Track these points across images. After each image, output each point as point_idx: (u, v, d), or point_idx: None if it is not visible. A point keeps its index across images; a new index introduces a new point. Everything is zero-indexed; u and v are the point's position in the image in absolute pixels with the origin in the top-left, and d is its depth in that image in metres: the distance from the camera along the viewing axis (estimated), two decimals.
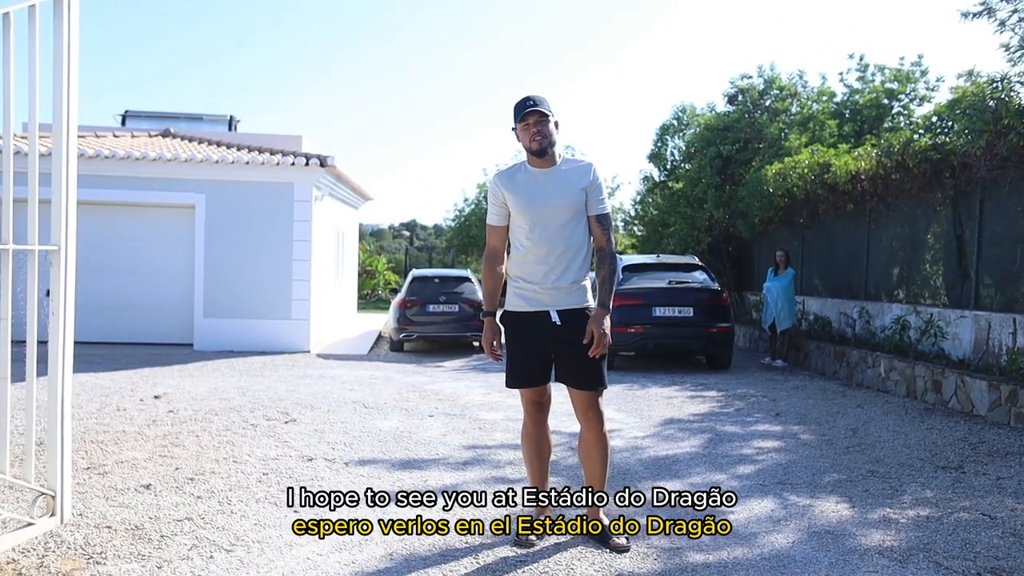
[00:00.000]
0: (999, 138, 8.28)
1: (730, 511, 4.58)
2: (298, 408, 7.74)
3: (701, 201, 17.10)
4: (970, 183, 9.20)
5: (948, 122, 9.97)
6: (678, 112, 20.71)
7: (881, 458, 5.97)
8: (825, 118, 15.86)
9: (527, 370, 4.00)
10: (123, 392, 8.32)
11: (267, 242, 13.28)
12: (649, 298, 11.34)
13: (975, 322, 8.99)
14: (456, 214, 34.00)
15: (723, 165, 16.76)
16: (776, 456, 6.03)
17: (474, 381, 10.08)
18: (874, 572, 3.62)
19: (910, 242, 10.80)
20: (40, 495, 3.78)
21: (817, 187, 12.47)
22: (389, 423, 7.08)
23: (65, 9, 3.64)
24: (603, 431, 3.95)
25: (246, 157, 13.19)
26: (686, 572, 3.59)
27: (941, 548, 3.97)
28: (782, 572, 3.61)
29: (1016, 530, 4.29)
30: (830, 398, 8.93)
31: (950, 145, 9.45)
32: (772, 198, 13.85)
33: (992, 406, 7.58)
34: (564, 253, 3.92)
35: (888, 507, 4.69)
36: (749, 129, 16.84)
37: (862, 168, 11.25)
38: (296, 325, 13.41)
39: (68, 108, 3.68)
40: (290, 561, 3.65)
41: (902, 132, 11.73)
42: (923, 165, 9.82)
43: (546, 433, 4.16)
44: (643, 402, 8.53)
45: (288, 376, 10.12)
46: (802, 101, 17.17)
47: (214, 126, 19.48)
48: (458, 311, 14.05)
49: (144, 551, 3.66)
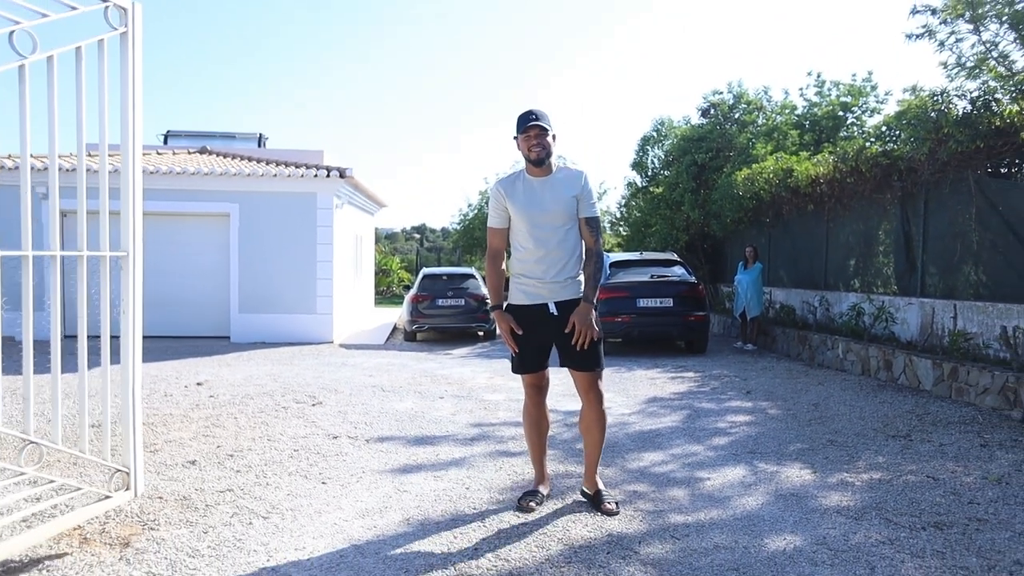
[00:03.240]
0: (940, 145, 8.32)
1: (707, 478, 4.60)
2: (323, 392, 7.73)
3: (679, 204, 17.13)
4: (915, 185, 9.25)
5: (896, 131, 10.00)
6: (657, 125, 20.69)
7: (839, 429, 5.99)
8: (788, 128, 15.87)
9: (528, 358, 3.96)
10: (169, 380, 8.34)
11: (294, 245, 13.29)
12: (634, 291, 11.34)
13: (921, 308, 9.03)
14: (461, 218, 33.98)
15: (698, 171, 16.79)
16: (747, 429, 6.04)
17: (479, 367, 10.08)
18: (833, 528, 3.65)
19: (864, 238, 10.83)
20: (116, 471, 3.77)
21: (781, 190, 12.51)
22: (404, 404, 7.07)
23: (130, 43, 3.62)
24: (602, 409, 3.95)
25: (274, 171, 13.22)
26: (668, 531, 3.61)
27: (891, 506, 4.00)
28: (752, 530, 3.63)
29: (956, 489, 4.33)
30: (794, 377, 8.94)
31: (897, 152, 9.49)
32: (741, 200, 13.89)
33: (936, 382, 7.62)
34: (560, 253, 3.88)
35: (845, 472, 4.72)
36: (720, 139, 16.86)
37: (821, 173, 11.31)
38: (320, 319, 13.42)
39: (133, 130, 3.68)
40: (319, 526, 3.67)
41: (855, 141, 11.76)
42: (874, 170, 9.89)
43: (544, 412, 4.13)
44: (629, 383, 8.55)
45: (314, 364, 10.12)
46: (767, 114, 17.18)
47: (246, 143, 19.44)
48: (464, 304, 14.05)
49: (191, 518, 3.70)
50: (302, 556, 3.29)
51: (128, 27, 3.60)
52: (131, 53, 3.63)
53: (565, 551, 3.34)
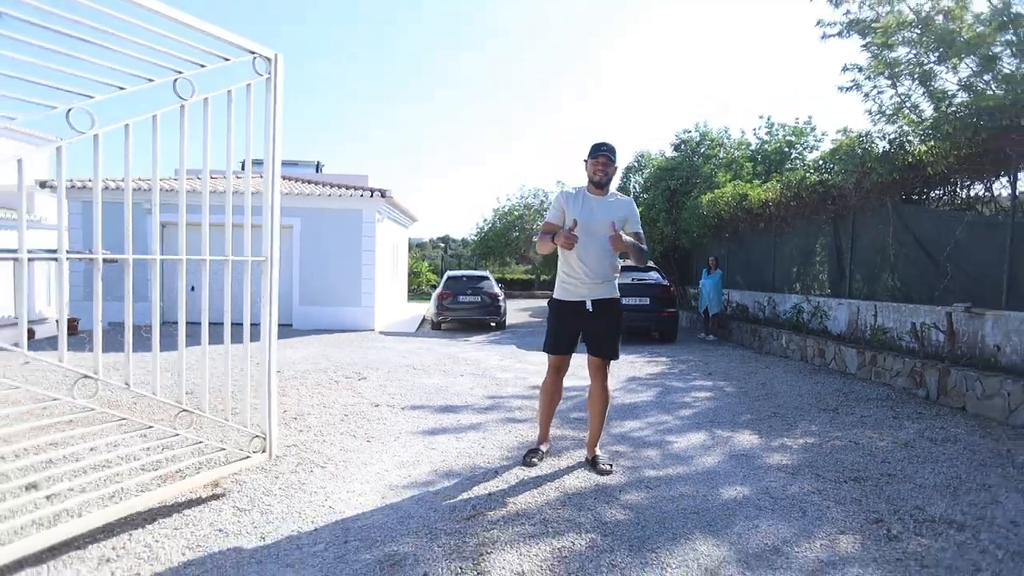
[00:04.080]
0: (864, 177, 8.32)
1: (674, 441, 4.60)
2: (367, 369, 7.73)
3: (655, 221, 17.07)
4: (845, 208, 9.23)
5: (830, 165, 9.99)
6: (638, 156, 20.62)
7: (781, 403, 5.98)
8: (744, 161, 15.80)
9: (561, 342, 3.88)
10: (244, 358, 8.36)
11: (343, 251, 13.32)
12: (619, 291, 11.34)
13: (849, 307, 9.01)
14: (478, 231, 34.07)
15: (671, 195, 16.70)
16: (707, 403, 6.03)
17: (492, 351, 10.03)
18: (774, 481, 3.68)
19: (803, 250, 10.78)
20: (255, 436, 3.73)
21: (738, 211, 12.44)
22: (432, 380, 7.07)
23: (273, 86, 3.55)
24: (607, 387, 3.91)
25: (328, 192, 13.29)
26: (642, 483, 3.64)
27: (820, 465, 4.02)
28: (710, 483, 3.66)
29: (872, 451, 4.34)
30: (746, 362, 8.91)
31: (831, 181, 9.46)
32: (706, 219, 13.81)
33: (859, 366, 7.62)
34: (602, 259, 3.78)
35: (785, 437, 4.72)
36: (689, 169, 16.76)
37: (770, 197, 11.26)
38: (364, 311, 13.44)
39: (274, 158, 3.62)
40: (366, 474, 3.72)
41: (798, 172, 11.74)
42: (812, 195, 9.86)
43: (560, 388, 4.04)
44: (613, 366, 8.16)
45: (359, 347, 10.11)
46: (727, 149, 17.09)
47: (306, 169, 19.45)
48: (480, 300, 13.98)
49: (265, 467, 3.75)
50: (353, 497, 3.35)
51: (271, 73, 3.54)
52: (274, 95, 3.57)
53: (560, 497, 3.38)
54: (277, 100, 3.57)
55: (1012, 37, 7.41)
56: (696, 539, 2.88)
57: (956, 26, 7.95)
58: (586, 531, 2.95)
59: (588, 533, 2.92)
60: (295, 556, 2.66)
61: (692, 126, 18.08)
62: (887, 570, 2.60)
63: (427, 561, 2.62)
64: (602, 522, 3.05)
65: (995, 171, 7.13)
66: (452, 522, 3.03)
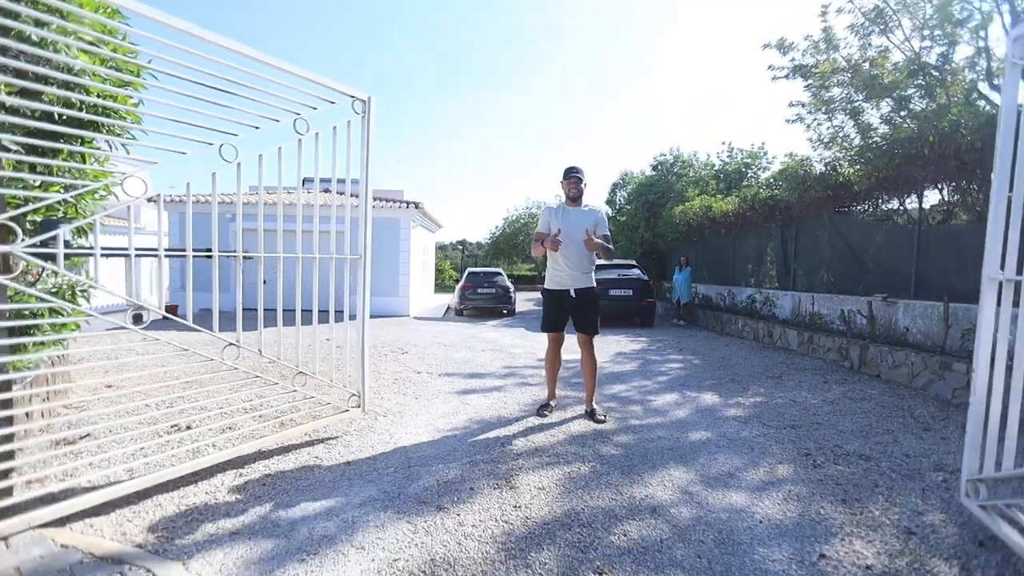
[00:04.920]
0: (805, 193, 8.44)
1: (653, 399, 4.80)
2: (407, 345, 7.89)
3: (636, 228, 17.20)
4: (790, 218, 9.31)
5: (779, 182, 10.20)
6: (623, 175, 20.81)
7: (737, 372, 6.10)
8: (709, 179, 15.92)
9: (554, 322, 4.07)
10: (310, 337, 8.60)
11: (385, 252, 13.45)
12: (607, 284, 11.26)
13: (793, 297, 9.12)
14: (491, 236, 34.30)
15: (649, 207, 16.81)
16: (679, 371, 6.12)
17: (506, 332, 10.10)
18: (730, 428, 3.86)
19: (757, 251, 10.83)
20: (352, 395, 3.83)
21: (704, 220, 12.49)
22: (459, 354, 7.16)
23: (368, 122, 3.62)
24: (594, 355, 4.09)
25: (373, 204, 13.56)
26: (629, 429, 3.83)
27: (766, 417, 4.18)
28: (681, 429, 3.84)
29: (806, 407, 4.49)
30: (710, 341, 8.96)
31: (779, 196, 9.55)
32: (678, 226, 13.86)
33: (799, 344, 7.73)
34: (580, 257, 3.96)
35: (739, 397, 4.85)
36: (664, 185, 16.88)
37: (729, 209, 11.30)
38: (402, 300, 13.59)
39: (367, 179, 3.68)
40: (418, 422, 3.94)
41: (752, 188, 11.90)
42: (764, 207, 9.92)
43: (559, 356, 4.22)
44: (604, 344, 8.50)
45: (399, 329, 10.25)
46: (695, 169, 17.23)
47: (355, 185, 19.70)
48: (495, 292, 14.06)
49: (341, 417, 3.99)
50: (410, 436, 3.59)
51: (366, 112, 3.61)
52: (368, 129, 3.63)
53: (567, 438, 3.60)
54: (370, 133, 3.66)
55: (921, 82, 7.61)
56: (671, 467, 3.13)
57: (879, 71, 8.15)
58: (588, 461, 3.20)
59: (590, 462, 3.18)
60: (373, 475, 2.95)
61: (667, 150, 18.28)
62: (812, 487, 2.87)
63: (471, 479, 2.91)
64: (600, 455, 3.30)
65: (907, 190, 7.32)
66: (487, 454, 3.28)
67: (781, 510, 2.59)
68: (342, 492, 2.71)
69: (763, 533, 2.37)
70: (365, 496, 2.66)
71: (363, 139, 3.64)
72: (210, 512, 2.45)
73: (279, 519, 2.41)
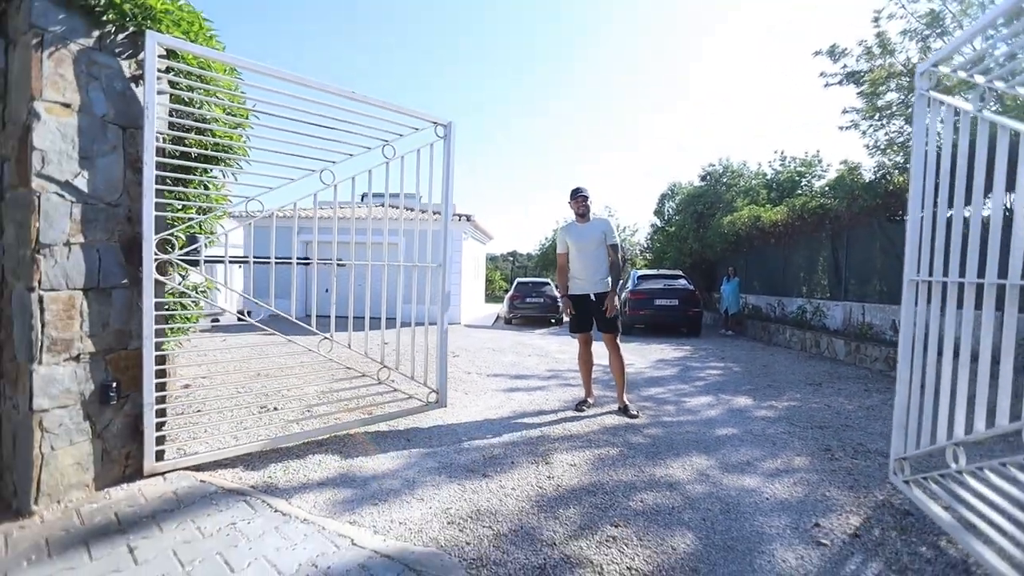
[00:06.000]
0: (854, 201, 8.46)
1: (687, 400, 5.06)
2: (459, 350, 8.37)
3: (685, 239, 17.23)
4: (841, 227, 9.26)
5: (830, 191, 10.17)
6: (671, 186, 20.84)
7: (776, 379, 6.21)
8: (760, 188, 15.82)
9: (580, 324, 4.47)
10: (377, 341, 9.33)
11: None
12: (654, 294, 11.49)
13: (844, 308, 9.06)
14: (540, 247, 34.83)
15: (698, 217, 16.85)
16: (717, 377, 6.30)
17: (552, 340, 10.53)
18: (756, 426, 4.10)
19: (807, 261, 10.74)
20: (432, 391, 4.14)
21: (753, 230, 12.53)
22: (507, 358, 7.54)
23: (450, 144, 3.88)
24: (620, 354, 4.41)
25: (424, 217, 14.28)
26: (661, 423, 4.14)
27: (795, 418, 4.37)
28: (709, 425, 4.12)
29: (839, 412, 4.63)
30: (755, 351, 9.00)
31: (829, 205, 9.61)
32: (727, 237, 13.90)
33: (847, 354, 7.73)
34: (595, 265, 4.38)
35: (773, 400, 5.02)
36: (713, 196, 16.90)
37: (779, 219, 11.31)
38: (454, 308, 14.15)
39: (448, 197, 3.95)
40: (470, 412, 4.39)
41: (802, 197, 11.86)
42: (813, 217, 9.92)
43: (590, 355, 4.56)
44: (647, 351, 8.77)
45: (451, 335, 10.69)
46: (745, 179, 17.14)
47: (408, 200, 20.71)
48: (542, 302, 14.47)
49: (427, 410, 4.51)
50: (463, 424, 4.07)
51: (448, 135, 3.87)
52: (450, 151, 3.88)
53: (601, 429, 3.97)
54: (452, 154, 3.93)
55: None
56: (693, 455, 3.46)
57: None
58: (617, 447, 3.58)
59: (618, 448, 3.57)
60: (430, 450, 3.47)
61: (716, 160, 18.26)
62: (823, 476, 3.14)
63: (512, 456, 3.38)
64: (629, 443, 3.66)
65: None
66: (527, 437, 3.72)
67: (789, 491, 2.90)
68: (404, 460, 3.25)
69: (767, 507, 2.70)
70: (424, 466, 3.18)
71: (445, 160, 3.93)
72: (304, 469, 3.04)
73: (355, 476, 2.97)
